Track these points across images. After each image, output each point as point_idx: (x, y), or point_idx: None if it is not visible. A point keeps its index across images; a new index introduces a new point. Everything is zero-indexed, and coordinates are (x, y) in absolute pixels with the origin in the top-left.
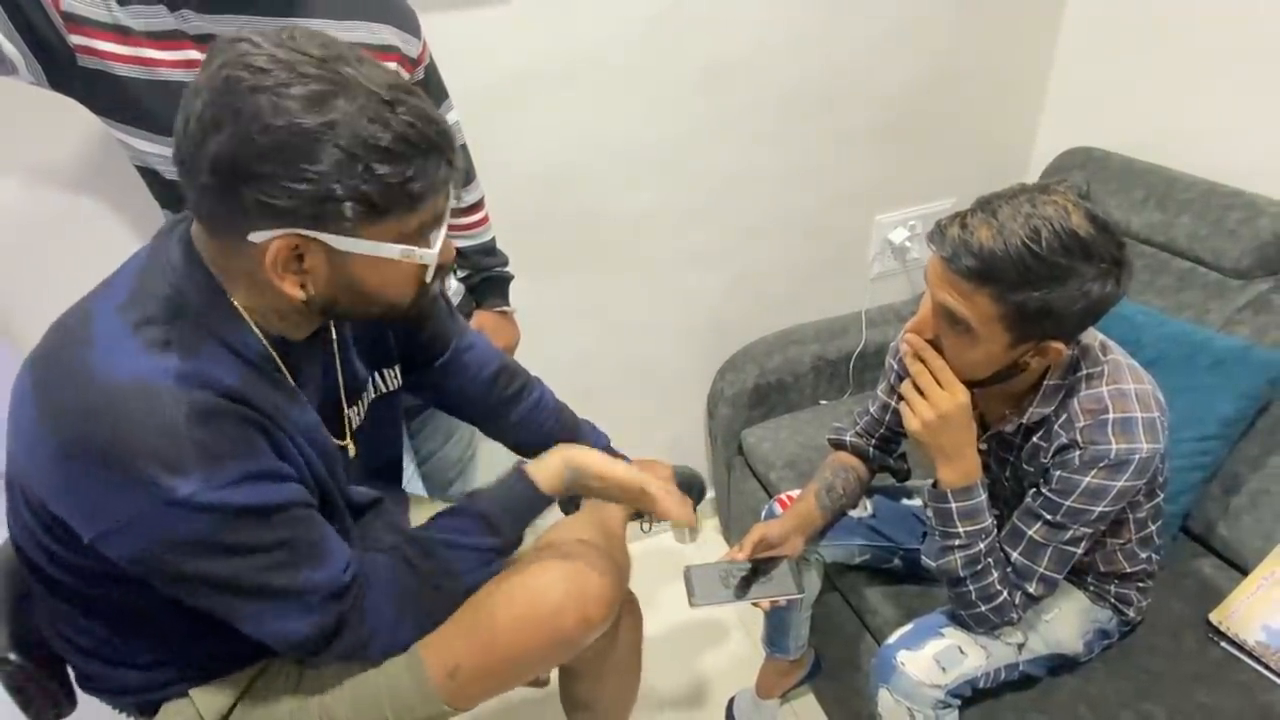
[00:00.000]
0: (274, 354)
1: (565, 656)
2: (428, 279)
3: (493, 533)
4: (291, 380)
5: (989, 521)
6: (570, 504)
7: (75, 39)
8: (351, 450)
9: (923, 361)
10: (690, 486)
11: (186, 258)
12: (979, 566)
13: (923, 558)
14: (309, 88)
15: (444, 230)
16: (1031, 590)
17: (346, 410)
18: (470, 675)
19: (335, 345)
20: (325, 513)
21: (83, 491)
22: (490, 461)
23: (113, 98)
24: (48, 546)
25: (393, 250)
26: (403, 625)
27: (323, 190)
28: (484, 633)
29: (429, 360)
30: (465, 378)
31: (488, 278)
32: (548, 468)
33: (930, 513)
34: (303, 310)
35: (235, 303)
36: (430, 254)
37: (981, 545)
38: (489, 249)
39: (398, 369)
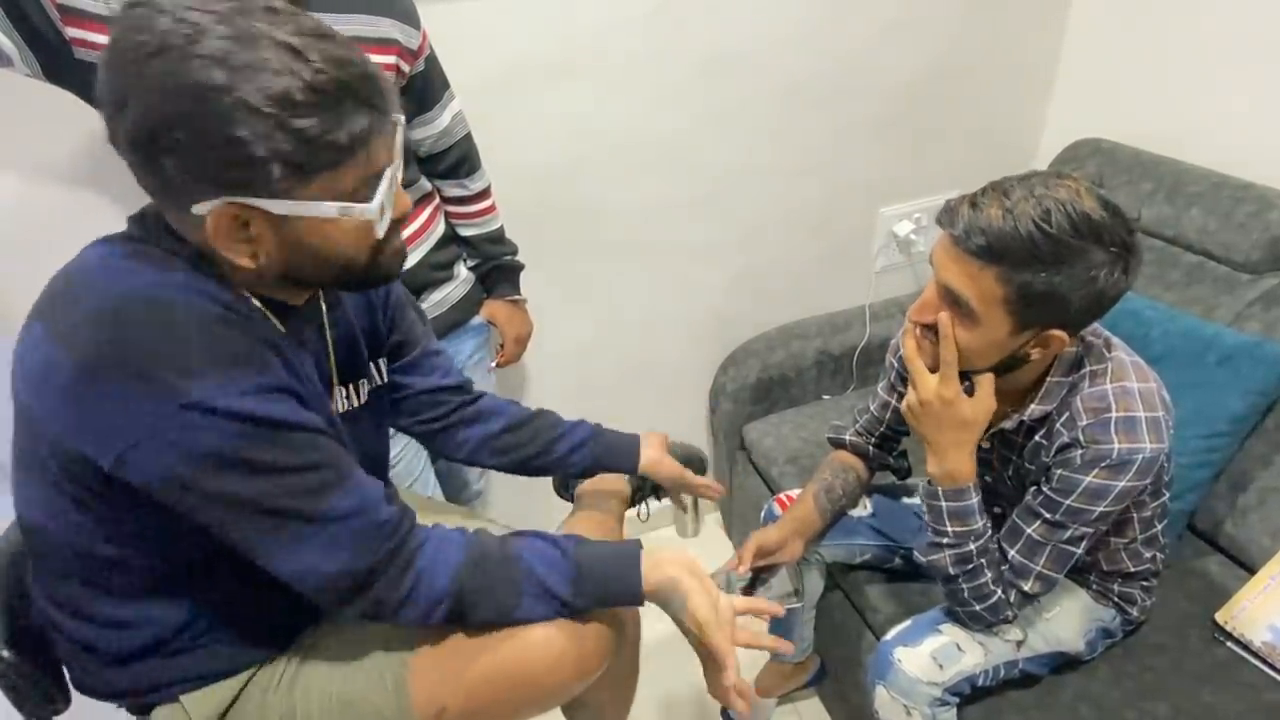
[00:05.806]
0: (270, 316)
1: (556, 706)
2: (378, 235)
3: (574, 590)
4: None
5: (980, 525)
6: (565, 490)
7: (71, 31)
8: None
9: (933, 344)
10: (690, 462)
11: (170, 233)
12: (970, 566)
13: (915, 553)
14: (210, 45)
15: (388, 183)
16: (1027, 589)
17: (336, 385)
18: (456, 718)
19: (326, 315)
20: None
21: (100, 411)
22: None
23: None
24: (59, 504)
25: (330, 209)
26: (442, 605)
27: (241, 154)
28: (474, 678)
29: (394, 360)
30: (423, 382)
31: (497, 266)
32: (658, 571)
33: (923, 506)
34: (271, 278)
35: (221, 271)
36: (371, 209)
37: (972, 546)
38: (497, 237)
39: (384, 361)
